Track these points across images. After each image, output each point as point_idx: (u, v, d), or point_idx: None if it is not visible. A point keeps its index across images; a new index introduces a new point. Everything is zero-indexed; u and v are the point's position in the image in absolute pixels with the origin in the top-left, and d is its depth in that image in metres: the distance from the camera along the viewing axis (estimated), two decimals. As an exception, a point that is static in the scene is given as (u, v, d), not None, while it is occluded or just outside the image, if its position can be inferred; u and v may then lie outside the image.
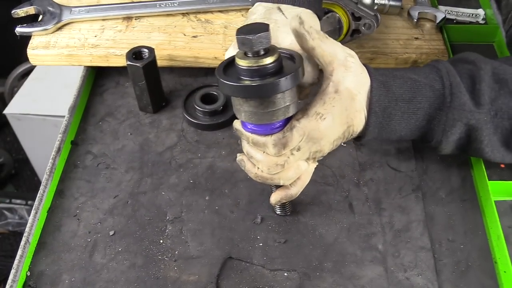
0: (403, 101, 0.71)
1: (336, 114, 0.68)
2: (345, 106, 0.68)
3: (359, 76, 0.69)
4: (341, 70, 0.68)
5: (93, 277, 0.76)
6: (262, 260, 0.77)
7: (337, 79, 0.68)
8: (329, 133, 0.69)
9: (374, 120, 0.70)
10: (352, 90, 0.68)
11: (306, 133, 0.68)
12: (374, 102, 0.70)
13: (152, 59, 0.91)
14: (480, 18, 1.10)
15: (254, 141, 0.69)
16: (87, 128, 0.96)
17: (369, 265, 0.76)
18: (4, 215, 1.96)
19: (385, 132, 0.73)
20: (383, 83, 0.70)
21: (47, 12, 1.03)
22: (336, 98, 0.68)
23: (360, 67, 0.70)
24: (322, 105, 0.68)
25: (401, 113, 0.71)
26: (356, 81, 0.68)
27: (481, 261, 0.76)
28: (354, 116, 0.69)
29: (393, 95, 0.70)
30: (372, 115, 0.70)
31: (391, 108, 0.70)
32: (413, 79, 0.72)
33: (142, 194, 0.85)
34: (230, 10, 1.07)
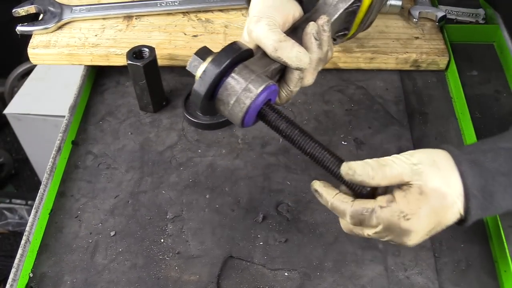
0: (501, 175, 0.64)
1: (422, 216, 0.63)
2: (434, 207, 0.63)
3: (439, 172, 0.63)
4: (416, 178, 0.63)
5: (95, 278, 0.76)
6: (262, 259, 0.77)
7: (418, 184, 0.63)
8: (413, 233, 0.64)
9: (474, 204, 0.64)
10: (441, 188, 0.63)
11: (386, 225, 0.64)
12: (470, 185, 0.63)
13: (152, 58, 0.91)
14: (480, 17, 1.10)
15: (333, 207, 0.66)
16: (87, 127, 0.96)
17: (370, 264, 0.76)
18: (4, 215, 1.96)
19: (490, 212, 0.66)
20: (473, 162, 0.64)
21: (47, 11, 1.03)
22: (422, 200, 0.63)
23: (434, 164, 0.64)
24: (407, 204, 0.63)
25: (503, 188, 0.64)
26: (440, 178, 0.63)
27: (481, 260, 0.76)
28: (445, 213, 0.64)
29: (489, 172, 0.64)
30: (471, 199, 0.63)
31: (489, 185, 0.64)
32: (505, 148, 0.65)
33: (143, 194, 0.85)
34: (230, 9, 1.07)
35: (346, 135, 0.92)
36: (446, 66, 1.02)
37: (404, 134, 0.92)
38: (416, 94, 1.00)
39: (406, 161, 0.64)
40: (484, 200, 0.64)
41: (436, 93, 1.00)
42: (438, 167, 0.64)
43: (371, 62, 1.00)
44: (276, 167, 0.88)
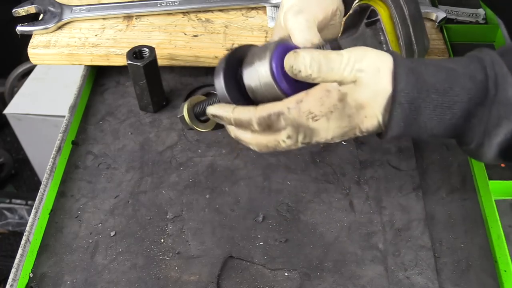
0: (436, 93, 0.59)
1: (333, 118, 0.61)
2: (348, 114, 0.61)
3: (374, 87, 0.60)
4: (349, 86, 0.60)
5: (95, 278, 0.76)
6: (262, 259, 0.77)
7: (345, 90, 0.60)
8: (322, 133, 0.63)
9: (399, 113, 0.60)
10: (363, 102, 0.61)
11: (294, 125, 0.62)
12: (399, 91, 0.59)
13: (152, 58, 0.91)
14: (480, 17, 1.10)
15: (238, 122, 0.64)
16: (87, 127, 0.96)
17: (370, 264, 0.76)
18: (4, 215, 1.96)
19: (414, 129, 0.62)
20: (411, 69, 0.60)
21: (47, 11, 1.03)
22: (338, 106, 0.61)
23: (373, 78, 0.60)
24: (319, 106, 0.61)
25: (434, 106, 0.60)
26: (369, 93, 0.60)
27: (481, 260, 0.76)
28: (360, 121, 0.62)
29: (424, 85, 0.59)
30: (397, 107, 0.59)
31: (421, 100, 0.59)
32: (449, 67, 0.61)
33: (143, 194, 0.85)
34: (230, 9, 1.07)
35: (346, 135, 0.92)
36: (446, 66, 1.02)
37: (404, 134, 0.92)
38: (416, 94, 1.00)
39: (353, 64, 0.60)
40: (409, 112, 0.60)
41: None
42: (377, 81, 0.60)
43: (371, 62, 1.00)
44: (276, 167, 0.88)
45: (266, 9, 1.07)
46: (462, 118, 0.60)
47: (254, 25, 1.04)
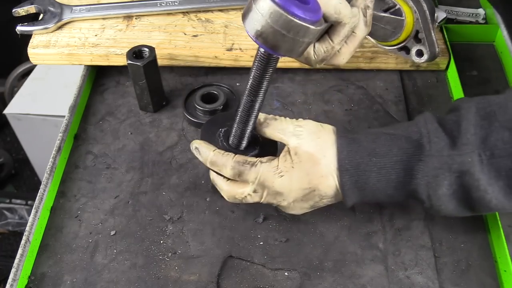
0: (377, 156, 0.66)
1: (294, 176, 0.68)
2: (306, 170, 0.68)
3: (317, 140, 0.68)
4: (293, 140, 0.69)
5: (95, 277, 0.76)
6: (262, 259, 0.77)
7: (293, 146, 0.69)
8: (286, 192, 0.69)
9: (347, 179, 0.66)
10: (314, 154, 0.67)
11: (261, 180, 0.69)
12: (343, 159, 0.66)
13: (152, 58, 0.91)
14: (480, 17, 1.11)
15: (213, 161, 0.71)
16: (87, 127, 0.96)
17: (370, 264, 0.76)
18: (4, 215, 1.96)
19: (367, 193, 0.68)
20: (352, 139, 0.68)
21: (47, 11, 1.03)
22: (295, 161, 0.68)
23: (314, 133, 0.69)
24: (284, 162, 0.69)
25: (378, 168, 0.66)
26: (316, 145, 0.68)
27: (481, 260, 0.76)
28: (318, 181, 0.68)
29: (365, 150, 0.66)
30: (343, 173, 0.66)
31: (364, 164, 0.66)
32: (388, 133, 0.68)
33: (143, 194, 0.85)
34: (230, 9, 1.07)
35: (346, 135, 0.92)
36: (446, 66, 1.02)
37: (404, 134, 0.92)
38: (416, 94, 1.00)
39: (293, 122, 0.70)
40: (358, 178, 0.66)
41: (436, 93, 1.00)
42: (318, 136, 0.68)
43: (371, 62, 1.00)
44: (276, 167, 0.88)
45: (266, 9, 1.07)
46: (408, 176, 0.66)
47: (254, 25, 1.04)
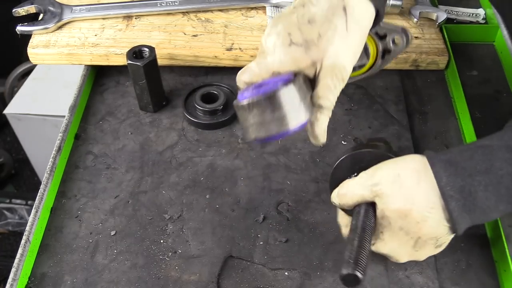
0: (479, 174, 0.60)
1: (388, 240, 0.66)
2: (398, 227, 0.64)
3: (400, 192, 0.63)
4: (377, 201, 0.64)
5: (95, 277, 0.76)
6: (263, 259, 0.77)
7: (381, 207, 0.65)
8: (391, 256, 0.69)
9: (454, 205, 0.60)
10: (401, 209, 0.63)
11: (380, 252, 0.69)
12: (444, 186, 0.60)
13: (152, 58, 0.91)
14: (480, 17, 1.11)
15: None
16: (87, 127, 0.96)
17: (370, 263, 0.76)
18: (4, 215, 1.96)
19: (478, 215, 0.61)
20: (447, 162, 0.61)
21: (47, 11, 1.03)
22: (384, 224, 0.65)
23: (394, 183, 0.63)
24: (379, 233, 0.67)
25: (484, 187, 0.60)
26: (401, 198, 0.63)
27: (481, 260, 0.76)
28: (417, 228, 0.63)
29: (464, 171, 0.60)
30: (449, 201, 0.60)
31: (468, 185, 0.60)
32: (483, 145, 0.62)
33: (143, 194, 0.85)
34: (230, 9, 1.07)
35: (346, 134, 0.92)
36: (446, 65, 1.02)
37: (404, 134, 0.92)
38: (416, 94, 1.00)
39: (365, 182, 0.65)
40: (465, 201, 0.60)
41: (436, 93, 1.00)
42: (400, 185, 0.63)
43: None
44: (276, 167, 0.88)
45: (265, 9, 1.07)
46: None
47: (254, 25, 1.04)
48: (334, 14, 0.64)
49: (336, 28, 0.63)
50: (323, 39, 0.63)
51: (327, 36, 0.63)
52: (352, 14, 0.64)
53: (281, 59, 0.64)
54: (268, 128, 0.62)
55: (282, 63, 0.64)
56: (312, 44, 0.64)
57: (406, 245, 0.66)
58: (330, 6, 0.64)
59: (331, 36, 0.63)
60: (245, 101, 0.62)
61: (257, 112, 0.62)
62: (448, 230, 0.64)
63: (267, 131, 0.62)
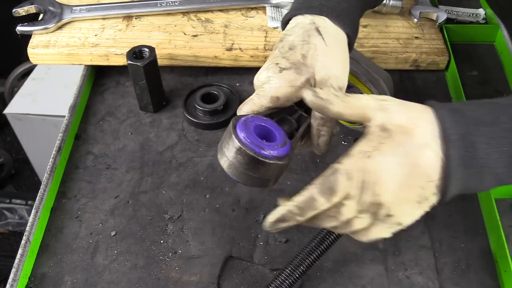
0: (484, 125, 0.55)
1: (387, 152, 0.55)
2: (398, 141, 0.56)
3: (408, 112, 0.57)
4: (380, 115, 0.57)
5: (95, 278, 0.76)
6: (263, 259, 0.77)
7: (381, 122, 0.57)
8: (384, 176, 0.55)
9: (454, 152, 0.54)
10: (406, 125, 0.56)
11: (353, 174, 0.55)
12: (448, 129, 0.55)
13: (152, 58, 0.91)
14: (480, 17, 1.11)
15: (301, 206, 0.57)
16: (87, 127, 0.96)
17: (370, 264, 0.76)
18: (4, 215, 1.96)
19: (473, 173, 0.56)
20: (452, 109, 0.57)
21: (47, 11, 1.03)
22: (384, 136, 0.56)
23: (404, 105, 0.58)
24: (367, 143, 0.57)
25: (487, 139, 0.55)
26: (407, 117, 0.57)
27: (481, 260, 0.76)
28: (417, 154, 0.55)
29: (469, 119, 0.56)
30: (449, 145, 0.55)
31: (472, 135, 0.55)
32: (490, 101, 0.59)
33: (143, 194, 0.85)
34: (230, 9, 1.07)
35: (346, 135, 0.92)
36: (446, 66, 1.02)
37: (404, 134, 0.92)
38: (416, 94, 1.00)
39: (374, 97, 0.59)
40: (465, 151, 0.55)
41: (436, 93, 1.00)
42: (408, 108, 0.58)
43: (371, 62, 1.00)
44: (276, 167, 0.88)
45: (266, 9, 1.07)
46: None
47: (254, 25, 1.04)
48: (310, 36, 0.68)
49: (315, 46, 0.67)
50: (307, 58, 0.67)
51: (310, 54, 0.67)
52: (326, 32, 0.69)
53: (277, 84, 0.66)
54: (244, 179, 0.60)
55: (279, 87, 0.66)
56: (300, 64, 0.67)
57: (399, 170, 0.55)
58: (304, 31, 0.69)
59: (313, 53, 0.67)
60: (237, 143, 0.58)
61: (241, 160, 0.59)
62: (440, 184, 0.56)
63: (242, 179, 0.61)
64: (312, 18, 0.69)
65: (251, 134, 0.59)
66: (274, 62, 0.67)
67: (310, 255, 0.68)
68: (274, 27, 1.03)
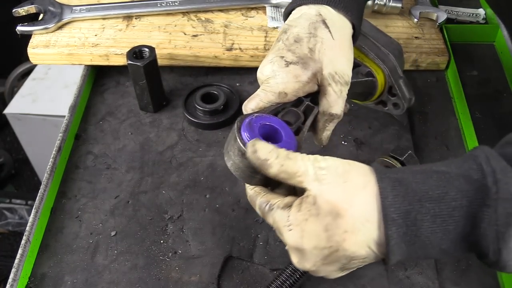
0: (430, 201, 0.52)
1: (307, 231, 0.54)
2: (324, 225, 0.54)
3: (343, 185, 0.54)
4: (314, 185, 0.55)
5: (95, 278, 0.76)
6: (263, 259, 0.77)
7: (314, 192, 0.55)
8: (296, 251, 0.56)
9: (394, 231, 0.52)
10: (338, 204, 0.54)
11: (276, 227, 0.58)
12: (389, 206, 0.52)
13: (152, 58, 0.91)
14: (480, 17, 1.11)
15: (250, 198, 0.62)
16: (87, 127, 0.96)
17: (370, 264, 0.75)
18: (4, 215, 1.96)
19: (417, 248, 0.54)
20: (397, 180, 0.54)
21: (48, 11, 1.03)
22: (312, 212, 0.54)
23: (340, 176, 0.55)
24: (295, 212, 0.55)
25: (432, 217, 0.52)
26: (341, 192, 0.54)
27: (481, 260, 0.76)
28: (341, 238, 0.54)
29: (415, 194, 0.53)
30: (389, 224, 0.52)
31: (415, 212, 0.52)
32: (440, 171, 0.54)
33: (143, 194, 0.85)
34: (230, 9, 1.07)
35: (346, 135, 0.92)
36: (446, 66, 1.02)
37: (404, 134, 0.92)
38: (416, 94, 0.99)
39: (314, 163, 0.56)
40: (407, 229, 0.52)
41: (436, 93, 1.00)
42: (345, 180, 0.55)
43: (371, 62, 1.00)
44: (276, 167, 0.88)
45: (266, 9, 1.07)
46: (469, 226, 0.52)
47: (254, 25, 1.04)
48: (316, 29, 0.67)
49: (323, 40, 0.66)
50: (315, 52, 0.66)
51: (318, 48, 0.66)
52: (333, 26, 0.67)
53: (284, 79, 0.65)
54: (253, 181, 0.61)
55: (285, 82, 0.65)
56: (307, 58, 0.66)
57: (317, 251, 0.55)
58: (310, 23, 0.67)
59: (321, 47, 0.66)
60: (242, 146, 0.58)
61: (247, 163, 0.58)
62: (371, 255, 0.55)
63: (250, 181, 0.61)
64: (317, 9, 0.68)
65: (256, 136, 0.59)
66: (279, 55, 0.66)
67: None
68: (274, 27, 1.03)
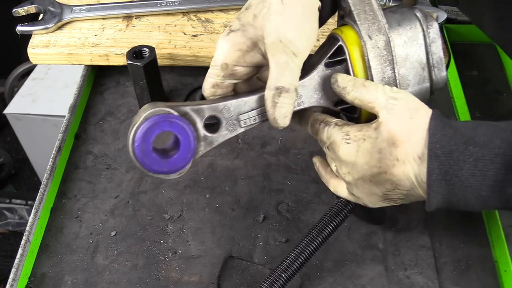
0: (475, 145, 0.55)
1: (363, 149, 0.60)
2: (379, 147, 0.59)
3: (408, 121, 0.59)
4: (383, 113, 0.60)
5: (95, 278, 0.76)
6: (263, 259, 0.77)
7: (381, 120, 0.60)
8: (350, 163, 0.62)
9: (436, 167, 0.55)
10: (396, 135, 0.58)
11: (330, 142, 0.63)
12: (434, 143, 0.56)
13: (152, 58, 0.91)
14: (480, 17, 1.10)
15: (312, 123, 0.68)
16: (87, 127, 0.96)
17: (370, 264, 0.76)
18: (4, 215, 1.96)
19: (457, 191, 0.56)
20: (448, 124, 0.57)
21: (47, 11, 1.03)
22: (372, 134, 0.60)
23: (409, 111, 0.59)
24: (356, 130, 0.61)
25: (474, 160, 0.54)
26: (404, 127, 0.58)
27: (481, 260, 0.76)
28: (392, 164, 0.59)
29: (462, 137, 0.55)
30: (432, 159, 0.55)
31: (458, 152, 0.55)
32: (490, 124, 0.57)
33: (143, 194, 0.85)
34: (230, 9, 1.07)
35: (346, 135, 0.92)
36: (446, 66, 1.01)
37: (404, 134, 0.92)
38: (416, 94, 1.00)
39: (388, 92, 0.61)
40: (449, 167, 0.55)
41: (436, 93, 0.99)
42: (412, 116, 0.59)
43: (371, 62, 1.00)
44: (276, 167, 0.88)
45: (266, 9, 1.07)
46: (509, 175, 0.54)
47: (254, 25, 1.04)
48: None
49: (270, 5, 0.62)
50: (258, 18, 0.62)
51: (262, 14, 0.61)
52: None
53: (223, 49, 0.63)
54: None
55: (225, 53, 0.63)
56: (248, 25, 0.62)
57: (366, 168, 0.60)
58: None
59: (266, 13, 0.61)
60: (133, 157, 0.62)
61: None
62: (414, 189, 0.60)
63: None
64: None
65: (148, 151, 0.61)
66: (229, 25, 0.64)
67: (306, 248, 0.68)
68: (274, 27, 1.03)
